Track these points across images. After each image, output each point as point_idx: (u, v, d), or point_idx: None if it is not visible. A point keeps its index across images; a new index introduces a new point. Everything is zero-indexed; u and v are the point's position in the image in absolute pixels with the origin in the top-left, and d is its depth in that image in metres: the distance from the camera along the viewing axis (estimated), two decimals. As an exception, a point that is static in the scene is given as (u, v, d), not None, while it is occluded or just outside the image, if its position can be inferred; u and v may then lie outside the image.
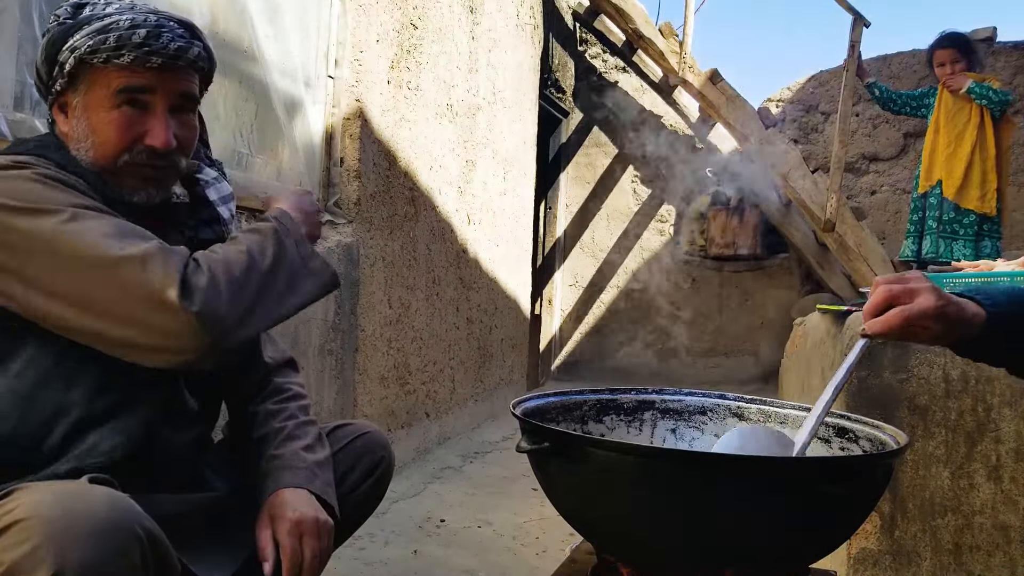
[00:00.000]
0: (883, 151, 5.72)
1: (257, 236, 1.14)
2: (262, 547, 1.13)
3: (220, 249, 1.10)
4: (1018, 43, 5.40)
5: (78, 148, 1.13)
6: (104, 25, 1.09)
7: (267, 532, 1.14)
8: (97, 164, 1.13)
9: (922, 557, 1.73)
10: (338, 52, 2.92)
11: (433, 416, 3.72)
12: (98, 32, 1.09)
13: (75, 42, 1.09)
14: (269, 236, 1.15)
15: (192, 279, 1.01)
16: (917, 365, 1.74)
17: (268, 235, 1.15)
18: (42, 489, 0.89)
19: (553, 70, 5.84)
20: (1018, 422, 1.67)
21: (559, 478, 1.09)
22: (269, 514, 1.16)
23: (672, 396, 1.42)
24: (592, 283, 6.38)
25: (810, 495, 0.96)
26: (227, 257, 1.08)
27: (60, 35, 1.11)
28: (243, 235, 1.15)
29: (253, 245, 1.12)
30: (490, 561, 2.41)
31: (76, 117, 1.13)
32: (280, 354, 1.41)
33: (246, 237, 1.14)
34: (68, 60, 1.10)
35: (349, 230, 2.92)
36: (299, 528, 1.14)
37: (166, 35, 1.11)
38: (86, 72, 1.10)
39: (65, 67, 1.10)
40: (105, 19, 1.10)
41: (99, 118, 1.11)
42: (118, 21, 1.09)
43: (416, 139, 3.45)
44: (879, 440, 1.16)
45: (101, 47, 1.08)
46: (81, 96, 1.12)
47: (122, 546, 0.86)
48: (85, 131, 1.12)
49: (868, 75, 4.27)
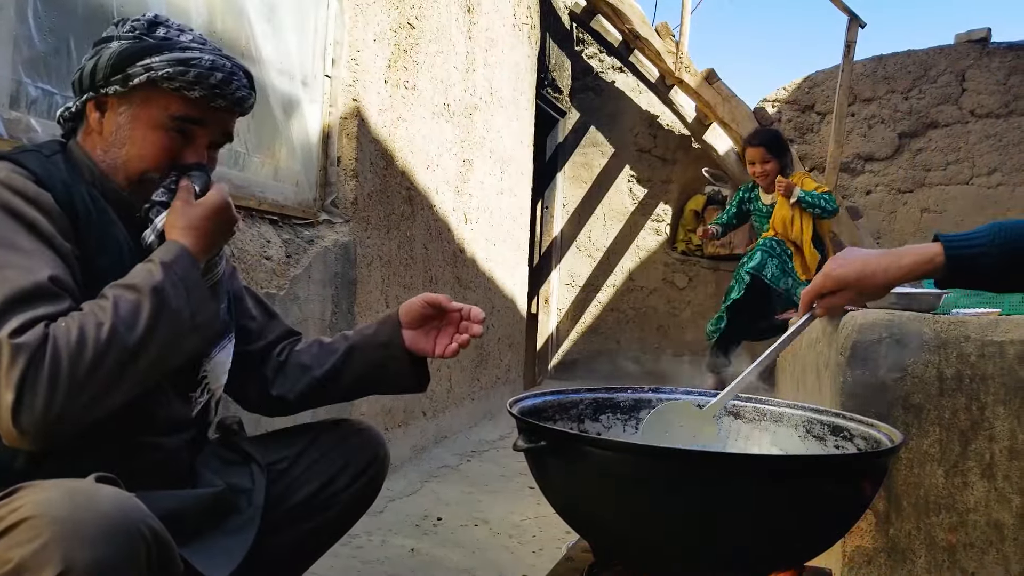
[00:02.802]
0: (878, 151, 5.73)
1: (133, 297, 1.02)
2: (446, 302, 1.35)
3: (85, 319, 0.98)
4: (1012, 44, 5.42)
5: (105, 148, 1.17)
6: (186, 58, 1.15)
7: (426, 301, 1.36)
8: (125, 172, 1.17)
9: (916, 555, 1.74)
10: (335, 51, 2.92)
11: (430, 415, 3.72)
12: (179, 63, 1.15)
13: (153, 63, 1.14)
14: (147, 297, 1.03)
15: (28, 387, 0.93)
16: (912, 364, 1.74)
17: (146, 295, 1.03)
18: (49, 487, 0.89)
19: (550, 70, 5.84)
20: (1012, 420, 1.68)
21: (556, 477, 1.10)
22: (411, 312, 1.36)
23: (668, 395, 1.43)
24: (589, 282, 6.39)
25: (805, 493, 0.96)
26: (82, 336, 0.96)
27: (137, 51, 1.15)
28: (118, 293, 1.03)
29: (124, 312, 1.00)
30: (487, 559, 2.41)
31: (117, 122, 1.16)
32: (277, 333, 1.44)
33: (120, 297, 1.02)
34: (140, 76, 1.14)
35: (346, 229, 2.93)
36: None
37: (236, 82, 1.19)
38: (148, 89, 1.15)
39: (132, 80, 1.14)
40: (187, 51, 1.16)
41: (145, 135, 1.17)
42: (200, 59, 1.16)
43: (413, 138, 3.45)
44: (874, 438, 1.17)
45: (179, 77, 1.15)
46: (133, 107, 1.16)
47: (129, 545, 0.87)
48: (124, 139, 1.16)
49: (709, 232, 4.27)
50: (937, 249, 1.12)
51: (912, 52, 5.62)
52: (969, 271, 1.11)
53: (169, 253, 1.10)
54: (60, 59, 1.79)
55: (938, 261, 1.11)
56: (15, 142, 1.64)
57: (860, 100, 5.68)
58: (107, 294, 1.03)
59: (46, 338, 0.95)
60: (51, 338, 0.95)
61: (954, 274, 1.11)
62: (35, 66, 1.75)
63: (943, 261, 1.10)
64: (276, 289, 2.49)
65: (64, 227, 1.07)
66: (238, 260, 2.32)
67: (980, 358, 1.70)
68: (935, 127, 5.56)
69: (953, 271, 1.11)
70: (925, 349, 1.74)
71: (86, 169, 1.16)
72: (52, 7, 1.78)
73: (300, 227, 2.71)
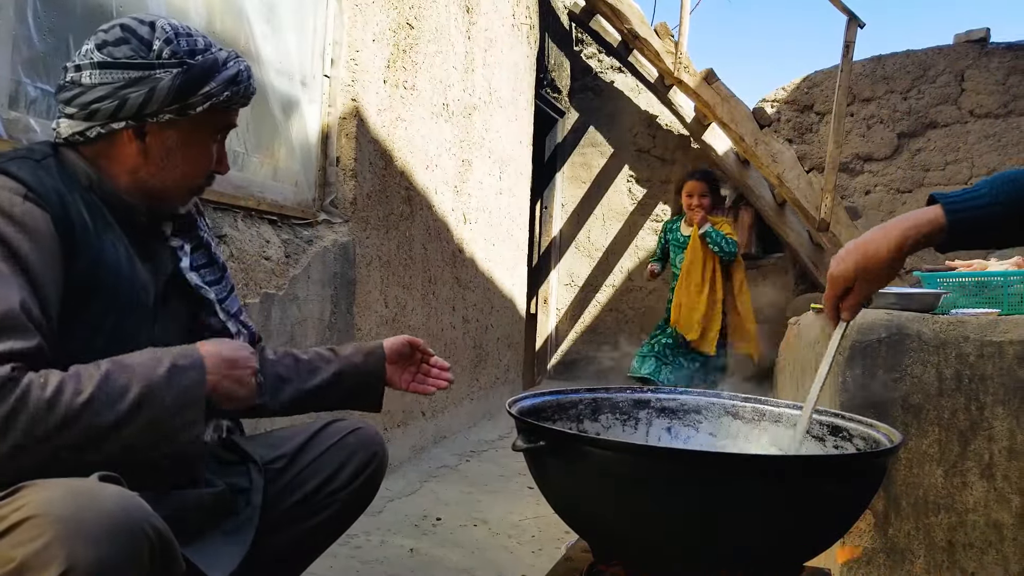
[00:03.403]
0: (877, 151, 5.73)
1: (125, 380, 0.99)
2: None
3: (65, 381, 0.96)
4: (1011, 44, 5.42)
5: (154, 172, 1.17)
6: (233, 76, 1.18)
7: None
8: (176, 186, 1.20)
9: (916, 555, 1.74)
10: (334, 51, 2.92)
11: (429, 415, 3.72)
12: (231, 83, 1.18)
13: (212, 90, 1.16)
14: (137, 386, 0.98)
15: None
16: (911, 364, 1.74)
17: (137, 384, 0.99)
18: (52, 486, 0.89)
19: (549, 70, 5.84)
20: (1011, 420, 1.68)
21: (555, 476, 1.10)
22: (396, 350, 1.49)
23: (667, 395, 1.43)
24: (588, 282, 6.39)
25: (804, 493, 0.96)
26: (55, 398, 0.94)
27: (193, 81, 1.14)
28: (113, 369, 0.99)
29: (108, 390, 0.97)
30: (486, 559, 2.41)
31: (166, 146, 1.17)
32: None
33: (112, 374, 0.98)
34: (201, 105, 1.16)
35: (345, 229, 2.93)
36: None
37: (252, 81, 1.24)
38: (204, 113, 1.17)
39: (193, 110, 1.15)
40: (228, 67, 1.18)
41: (198, 151, 1.20)
42: (240, 72, 1.19)
43: (412, 138, 3.45)
44: (873, 439, 1.17)
45: (235, 98, 1.19)
46: (183, 132, 1.18)
47: (132, 544, 0.87)
48: (178, 161, 1.19)
49: (653, 271, 4.31)
50: (936, 210, 1.05)
51: (911, 52, 5.62)
52: (975, 226, 1.03)
53: (186, 358, 1.06)
54: (59, 59, 1.78)
55: (939, 222, 1.04)
56: (14, 143, 1.64)
57: (859, 100, 5.68)
58: (102, 365, 0.99)
59: (11, 381, 0.92)
60: (22, 386, 0.92)
61: (959, 233, 1.04)
62: (34, 66, 1.74)
63: (944, 221, 1.03)
64: (275, 289, 2.48)
65: (53, 247, 1.03)
66: (237, 260, 2.32)
67: (979, 358, 1.70)
68: (934, 127, 5.57)
69: (958, 229, 1.03)
70: (924, 349, 1.74)
71: (83, 175, 1.14)
72: (52, 7, 1.78)
73: (299, 227, 2.71)
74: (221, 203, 2.31)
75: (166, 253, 1.25)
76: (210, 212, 2.25)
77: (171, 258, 1.25)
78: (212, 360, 1.08)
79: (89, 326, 1.08)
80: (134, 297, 1.14)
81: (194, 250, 1.30)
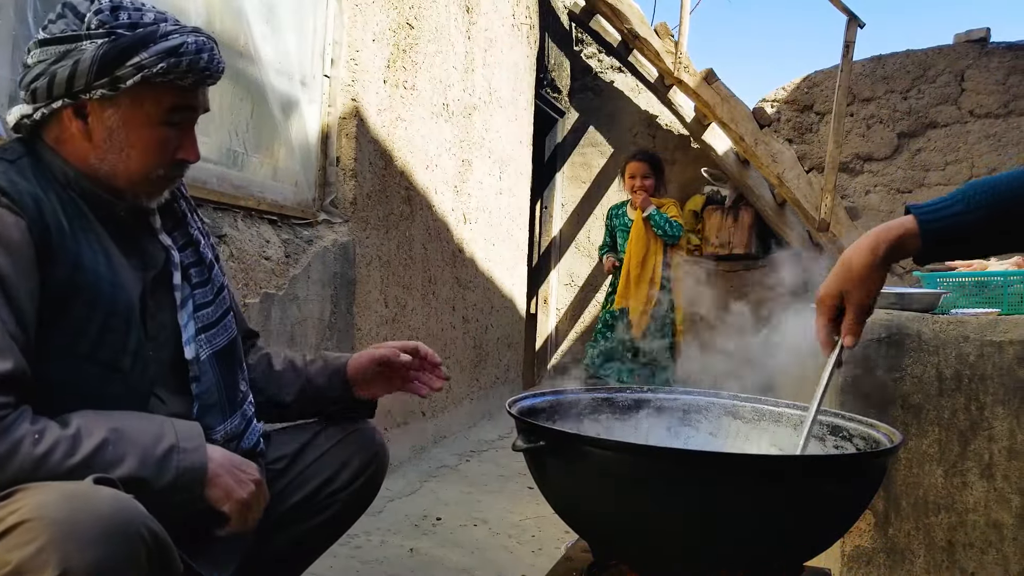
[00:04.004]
0: (877, 151, 5.73)
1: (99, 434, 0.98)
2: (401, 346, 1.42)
3: (55, 445, 0.96)
4: (1011, 44, 5.42)
5: (100, 156, 1.11)
6: (174, 47, 1.08)
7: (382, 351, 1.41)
8: (128, 174, 1.12)
9: (916, 555, 1.74)
10: (334, 51, 2.92)
11: (429, 415, 3.72)
12: (170, 54, 1.08)
13: (144, 60, 1.07)
14: (128, 460, 0.98)
15: None
16: (911, 364, 1.74)
17: (128, 456, 0.98)
18: (47, 489, 0.89)
19: (549, 70, 5.84)
20: (1011, 420, 1.68)
21: (555, 476, 1.10)
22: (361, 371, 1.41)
23: (667, 395, 1.43)
24: (588, 282, 6.39)
25: (804, 493, 0.96)
26: (41, 459, 0.94)
27: (121, 50, 1.06)
28: (111, 438, 0.99)
29: (104, 459, 0.97)
30: (486, 559, 2.41)
31: (107, 127, 1.10)
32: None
33: (83, 429, 0.98)
34: (132, 77, 1.07)
35: (345, 229, 2.93)
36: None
37: (216, 57, 1.14)
38: (139, 88, 1.09)
39: (123, 83, 1.07)
40: (170, 38, 1.09)
41: (143, 134, 1.12)
42: (186, 44, 1.09)
43: (412, 138, 3.45)
44: (873, 438, 1.17)
45: (173, 70, 1.08)
46: (123, 109, 1.10)
47: (128, 547, 0.87)
48: (121, 143, 1.11)
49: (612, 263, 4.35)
50: (910, 219, 1.04)
51: (911, 52, 5.62)
52: (949, 235, 1.02)
53: (191, 440, 1.06)
54: (59, 59, 1.78)
55: (913, 230, 1.03)
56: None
57: (859, 100, 5.68)
58: (103, 431, 0.98)
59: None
60: (15, 436, 0.92)
61: (932, 242, 1.03)
62: (34, 66, 1.74)
63: (917, 230, 1.03)
64: (275, 289, 2.48)
65: (28, 255, 1.00)
66: (237, 260, 2.32)
67: (979, 358, 1.70)
68: (934, 127, 5.56)
69: (931, 238, 1.03)
70: (924, 349, 1.74)
71: (59, 172, 1.10)
72: (51, 7, 1.77)
73: (299, 227, 2.71)
74: (221, 203, 2.31)
75: (156, 247, 1.21)
76: (210, 212, 2.25)
77: (163, 251, 1.21)
78: (220, 464, 1.09)
79: (72, 331, 1.05)
80: (117, 297, 1.09)
81: (183, 248, 1.25)
